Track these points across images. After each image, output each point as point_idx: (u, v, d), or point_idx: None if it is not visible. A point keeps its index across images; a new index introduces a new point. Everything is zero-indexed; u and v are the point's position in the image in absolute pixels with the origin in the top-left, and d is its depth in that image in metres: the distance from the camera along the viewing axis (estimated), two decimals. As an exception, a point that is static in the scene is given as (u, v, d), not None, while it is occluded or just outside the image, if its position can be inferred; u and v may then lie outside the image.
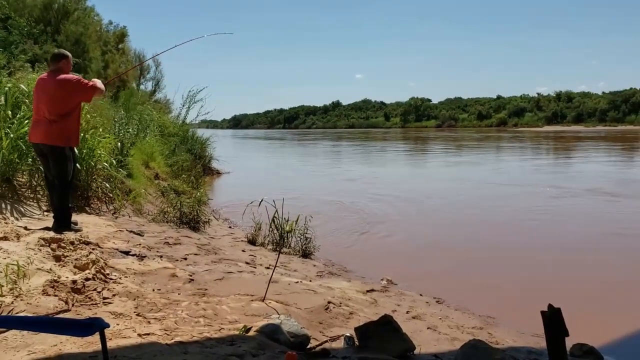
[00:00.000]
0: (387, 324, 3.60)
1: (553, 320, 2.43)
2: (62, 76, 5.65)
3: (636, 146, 37.94)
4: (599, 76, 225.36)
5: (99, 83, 5.86)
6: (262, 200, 6.11)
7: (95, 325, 1.62)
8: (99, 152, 7.78)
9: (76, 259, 4.42)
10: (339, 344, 3.69)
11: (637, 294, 6.17)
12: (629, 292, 6.21)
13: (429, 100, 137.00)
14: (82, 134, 6.91)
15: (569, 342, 4.23)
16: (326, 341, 3.73)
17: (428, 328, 4.58)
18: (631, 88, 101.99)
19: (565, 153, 32.79)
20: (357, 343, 3.59)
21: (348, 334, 3.71)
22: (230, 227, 9.46)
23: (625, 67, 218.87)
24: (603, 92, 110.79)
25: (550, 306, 2.44)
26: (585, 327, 4.79)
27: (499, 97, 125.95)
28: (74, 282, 3.84)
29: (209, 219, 8.43)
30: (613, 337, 4.95)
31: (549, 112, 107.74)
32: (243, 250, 7.12)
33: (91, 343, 2.86)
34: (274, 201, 6.48)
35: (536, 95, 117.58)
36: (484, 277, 6.88)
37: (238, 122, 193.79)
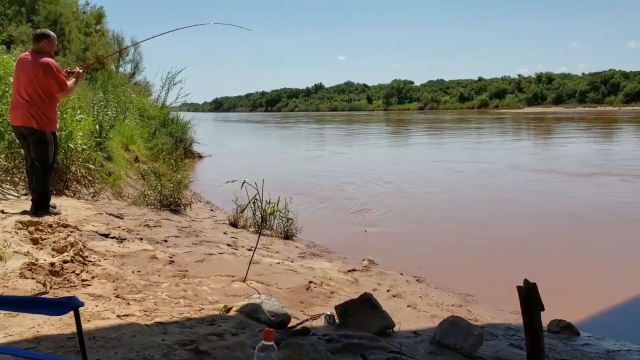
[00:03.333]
0: (367, 301, 3.63)
1: (529, 295, 2.46)
2: (44, 59, 5.49)
3: (604, 126, 38.67)
4: (579, 58, 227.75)
5: (70, 85, 5.75)
6: (244, 182, 6.07)
7: (69, 304, 1.61)
8: (78, 133, 7.66)
9: (54, 242, 4.37)
10: (320, 322, 3.72)
11: (613, 269, 6.28)
12: (606, 268, 6.33)
13: (412, 83, 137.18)
14: (59, 114, 6.80)
15: (546, 318, 4.32)
16: (307, 320, 3.75)
17: (408, 306, 4.63)
18: (610, 69, 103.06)
19: (533, 133, 33.91)
20: (337, 321, 3.62)
21: (328, 313, 3.74)
22: (212, 209, 9.42)
23: (605, 48, 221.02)
24: (583, 74, 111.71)
25: (526, 281, 2.47)
26: (563, 303, 4.89)
27: (480, 79, 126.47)
28: (52, 264, 3.81)
29: (189, 202, 8.38)
30: (590, 313, 5.04)
31: (530, 93, 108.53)
32: (225, 233, 7.10)
33: (69, 325, 2.84)
34: (255, 183, 6.46)
35: (517, 77, 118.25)
36: (464, 255, 6.96)
37: (219, 105, 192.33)
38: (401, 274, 5.96)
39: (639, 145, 24.08)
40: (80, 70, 6.09)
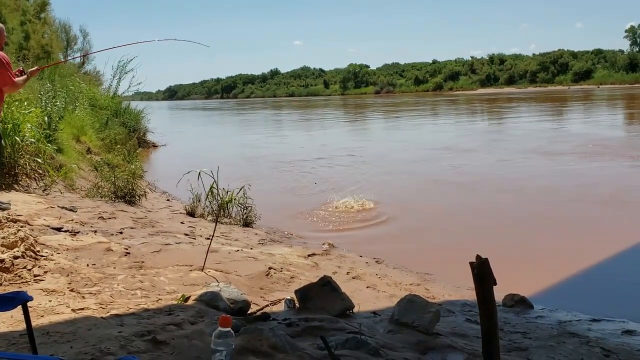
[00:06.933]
0: (326, 284, 3.65)
1: (481, 270, 2.51)
2: None
3: (542, 105, 40.09)
4: (530, 39, 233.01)
5: (20, 82, 5.56)
6: (200, 172, 5.98)
7: (17, 299, 1.57)
8: (25, 126, 7.41)
9: (3, 238, 4.22)
10: (280, 307, 3.73)
11: (560, 245, 6.49)
12: (553, 244, 6.54)
13: (367, 66, 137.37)
14: (5, 107, 6.57)
15: (502, 293, 4.45)
16: (267, 305, 3.76)
17: (367, 287, 4.68)
18: (559, 49, 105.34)
19: (468, 114, 35.40)
20: (297, 305, 3.63)
21: (289, 297, 3.75)
22: (168, 199, 9.28)
23: (554, 29, 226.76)
24: (533, 54, 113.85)
25: (478, 257, 2.52)
26: (517, 279, 5.03)
27: (434, 62, 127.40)
28: (2, 260, 3.69)
29: (144, 192, 8.23)
30: (542, 286, 5.20)
31: (483, 75, 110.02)
32: (182, 222, 7.02)
33: (21, 321, 2.76)
34: (211, 171, 6.37)
35: (470, 59, 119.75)
36: (423, 236, 7.07)
37: (174, 93, 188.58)
38: (360, 256, 6.02)
39: (561, 123, 25.24)
40: (34, 70, 5.93)
